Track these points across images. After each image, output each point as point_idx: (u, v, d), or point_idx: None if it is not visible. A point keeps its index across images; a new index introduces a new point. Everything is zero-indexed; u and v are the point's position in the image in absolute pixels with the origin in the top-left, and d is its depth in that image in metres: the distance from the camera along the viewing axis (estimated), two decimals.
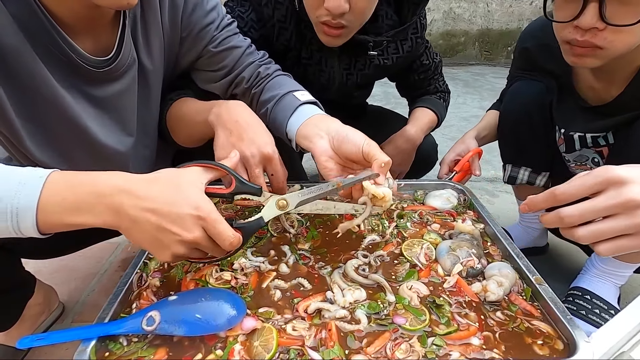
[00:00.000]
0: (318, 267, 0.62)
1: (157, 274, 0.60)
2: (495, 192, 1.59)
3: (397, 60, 1.00)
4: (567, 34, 0.67)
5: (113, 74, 0.65)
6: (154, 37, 0.70)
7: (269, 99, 0.77)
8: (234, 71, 0.81)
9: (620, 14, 0.60)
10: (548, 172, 1.00)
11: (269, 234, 0.70)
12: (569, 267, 1.16)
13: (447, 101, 1.19)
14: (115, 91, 0.66)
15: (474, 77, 3.43)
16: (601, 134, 0.83)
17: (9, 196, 0.41)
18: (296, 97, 0.74)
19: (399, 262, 0.63)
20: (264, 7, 0.88)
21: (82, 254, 1.01)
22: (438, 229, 0.71)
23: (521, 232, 1.17)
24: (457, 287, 0.57)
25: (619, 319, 0.54)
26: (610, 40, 0.63)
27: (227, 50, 0.79)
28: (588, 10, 0.61)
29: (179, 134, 0.80)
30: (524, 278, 0.58)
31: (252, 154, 0.62)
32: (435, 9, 3.71)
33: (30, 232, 0.43)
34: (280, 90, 0.76)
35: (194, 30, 0.75)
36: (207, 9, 0.75)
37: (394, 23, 0.93)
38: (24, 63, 0.55)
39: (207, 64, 0.80)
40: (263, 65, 0.82)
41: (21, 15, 0.52)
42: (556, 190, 0.46)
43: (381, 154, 0.60)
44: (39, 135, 0.62)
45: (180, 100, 0.79)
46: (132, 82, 0.69)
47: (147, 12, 0.68)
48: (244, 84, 0.81)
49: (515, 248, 0.63)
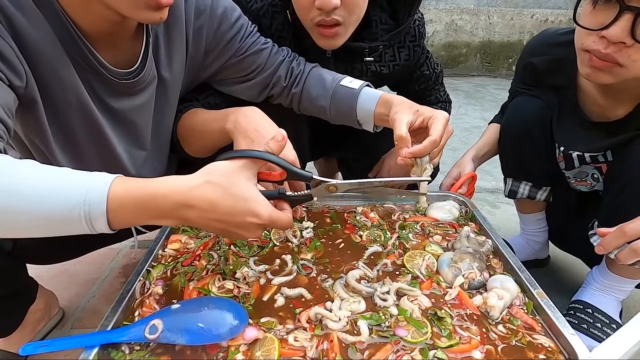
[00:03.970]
0: (320, 280, 0.62)
1: (160, 282, 0.60)
2: (496, 203, 1.59)
3: (394, 68, 1.00)
4: (591, 42, 0.64)
5: (134, 87, 0.66)
6: (176, 52, 0.71)
7: (319, 96, 0.82)
8: (265, 71, 0.82)
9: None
10: (549, 187, 1.00)
11: (271, 243, 0.70)
12: (570, 280, 1.16)
13: (449, 111, 1.19)
14: (133, 106, 0.67)
15: (475, 88, 3.46)
16: (600, 153, 0.83)
17: (80, 204, 0.43)
18: (349, 87, 0.80)
19: (400, 273, 0.63)
20: (262, 18, 0.89)
21: (83, 259, 1.01)
22: (440, 240, 0.72)
23: (523, 244, 1.17)
24: (459, 300, 0.57)
25: (620, 334, 0.54)
26: (634, 59, 0.60)
27: (253, 54, 0.80)
28: (620, 21, 0.58)
29: (191, 145, 0.80)
30: (526, 291, 0.59)
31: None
32: (438, 21, 3.75)
33: (105, 231, 0.46)
34: (326, 84, 0.82)
35: (220, 44, 0.77)
36: (232, 22, 0.77)
37: (389, 27, 0.93)
38: (59, 70, 0.57)
39: (232, 71, 0.82)
40: (294, 61, 0.84)
41: (54, 25, 0.54)
42: (624, 227, 0.51)
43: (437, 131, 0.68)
44: (64, 141, 0.63)
45: (190, 111, 0.79)
46: (150, 98, 0.70)
47: (172, 26, 0.69)
48: (282, 82, 0.83)
49: (517, 261, 0.64)
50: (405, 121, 0.67)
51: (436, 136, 0.67)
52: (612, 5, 0.58)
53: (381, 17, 0.92)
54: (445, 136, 0.70)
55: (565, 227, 1.07)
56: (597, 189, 0.92)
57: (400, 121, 0.67)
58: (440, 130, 0.67)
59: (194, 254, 0.66)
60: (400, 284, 0.59)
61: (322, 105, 0.82)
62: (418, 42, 1.00)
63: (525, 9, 3.81)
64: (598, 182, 0.90)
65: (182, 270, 0.62)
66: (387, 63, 0.99)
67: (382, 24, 0.93)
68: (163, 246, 0.69)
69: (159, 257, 0.66)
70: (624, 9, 0.57)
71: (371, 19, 0.90)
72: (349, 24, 0.81)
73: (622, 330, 0.55)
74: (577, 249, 1.08)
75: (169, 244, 0.69)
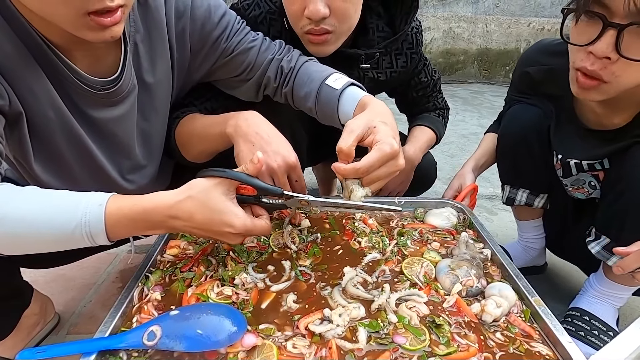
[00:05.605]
0: (319, 288, 0.62)
1: (159, 287, 0.60)
2: (494, 209, 1.59)
3: (391, 75, 1.00)
4: (579, 60, 0.66)
5: (112, 98, 0.65)
6: (160, 57, 0.70)
7: (306, 96, 0.76)
8: (255, 72, 0.80)
9: (635, 48, 0.59)
10: (546, 194, 1.01)
11: (270, 249, 0.70)
12: (567, 287, 1.16)
13: (446, 118, 1.20)
14: (114, 116, 0.66)
15: (473, 95, 3.48)
16: (597, 161, 0.84)
17: (80, 226, 0.50)
18: (332, 87, 0.74)
19: (399, 280, 0.63)
20: (260, 25, 0.89)
21: (80, 264, 1.01)
22: (438, 247, 0.72)
23: (520, 251, 1.17)
24: (457, 307, 0.58)
25: (617, 341, 0.55)
26: (617, 75, 0.62)
27: (241, 54, 0.78)
28: (605, 37, 0.60)
29: (190, 150, 0.80)
30: (524, 299, 0.59)
31: (279, 165, 0.66)
32: (435, 28, 3.79)
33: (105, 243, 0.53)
34: (312, 84, 0.76)
35: (207, 44, 0.75)
36: (216, 21, 0.74)
37: (386, 35, 0.94)
38: (33, 84, 0.56)
39: (224, 72, 0.80)
40: (284, 59, 0.80)
41: (24, 39, 0.54)
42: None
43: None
44: (45, 154, 0.62)
45: (187, 117, 0.79)
46: (131, 108, 0.69)
47: (152, 31, 0.68)
48: (272, 83, 0.80)
49: (515, 268, 0.64)
50: (355, 133, 0.59)
51: (360, 165, 0.57)
52: (597, 21, 0.60)
53: (378, 24, 0.93)
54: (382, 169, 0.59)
55: (562, 234, 1.07)
56: (594, 196, 0.93)
57: (350, 132, 0.59)
58: (370, 162, 0.57)
59: (193, 259, 0.66)
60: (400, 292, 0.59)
61: (309, 107, 0.77)
62: (415, 49, 1.00)
63: (522, 18, 3.86)
64: (595, 189, 0.90)
65: (181, 276, 0.62)
66: (385, 70, 0.99)
67: (379, 31, 0.93)
68: (162, 252, 0.69)
69: (158, 263, 0.66)
70: (607, 25, 0.59)
71: (368, 26, 0.91)
72: (340, 32, 0.81)
73: (618, 337, 0.55)
74: (574, 256, 1.08)
75: (168, 250, 0.69)
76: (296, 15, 0.78)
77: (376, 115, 0.63)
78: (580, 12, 0.63)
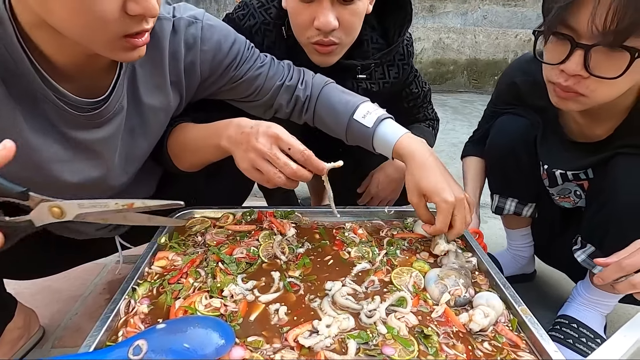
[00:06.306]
0: (308, 300, 0.61)
1: (146, 300, 0.60)
2: (483, 217, 1.61)
3: (384, 86, 1.02)
4: (553, 76, 0.68)
5: (97, 119, 0.63)
6: (159, 82, 0.70)
7: (335, 127, 0.81)
8: (264, 96, 0.81)
9: (604, 66, 0.61)
10: (534, 203, 1.03)
11: (259, 260, 0.70)
12: (556, 294, 1.18)
13: (436, 129, 1.22)
14: (97, 138, 0.65)
15: (463, 104, 3.54)
16: (581, 171, 0.86)
17: None
18: (363, 125, 0.77)
19: (388, 290, 0.64)
20: (255, 35, 0.91)
21: (66, 275, 0.99)
22: (427, 257, 0.73)
23: (509, 259, 1.19)
24: (445, 317, 0.58)
25: (605, 348, 0.55)
26: (592, 89, 0.64)
27: (249, 79, 0.79)
28: (574, 56, 0.62)
29: (183, 161, 0.79)
30: (511, 308, 0.59)
31: (262, 143, 0.63)
32: (426, 39, 3.86)
33: None
34: (339, 117, 0.80)
35: (216, 73, 0.76)
36: (226, 51, 0.75)
37: (380, 46, 0.96)
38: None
39: (231, 94, 0.82)
40: (297, 86, 0.82)
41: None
42: (622, 262, 0.56)
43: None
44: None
45: (180, 126, 0.79)
46: (116, 131, 0.67)
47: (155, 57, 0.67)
48: (284, 109, 0.84)
49: (502, 277, 0.65)
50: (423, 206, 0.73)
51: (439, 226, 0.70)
52: (566, 42, 0.63)
53: (372, 36, 0.95)
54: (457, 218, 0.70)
55: (550, 242, 1.09)
56: (580, 205, 0.94)
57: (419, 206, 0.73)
58: (442, 222, 0.70)
59: (181, 271, 0.65)
60: (388, 302, 0.59)
61: (339, 135, 0.82)
62: (407, 60, 1.03)
63: (510, 30, 3.96)
64: (580, 198, 0.92)
65: (169, 288, 0.61)
66: (377, 81, 1.01)
67: (373, 43, 0.96)
68: (149, 263, 0.68)
69: (145, 275, 0.65)
70: (574, 46, 0.62)
71: (362, 38, 0.93)
72: (345, 44, 0.84)
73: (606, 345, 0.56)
74: (561, 263, 1.10)
75: (156, 261, 0.68)
76: (304, 25, 0.80)
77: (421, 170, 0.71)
78: (549, 33, 0.66)
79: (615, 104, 0.74)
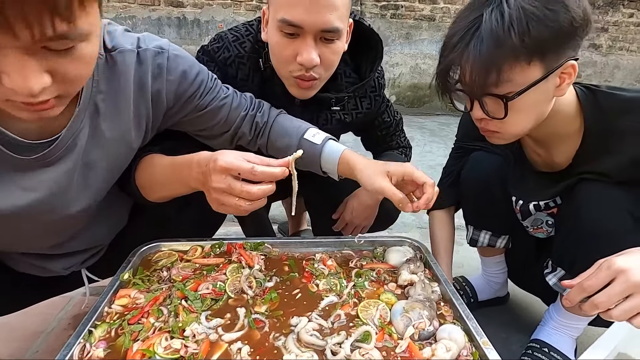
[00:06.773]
0: (272, 338, 0.60)
1: (103, 343, 0.57)
2: (459, 240, 1.62)
3: (357, 117, 1.06)
4: (475, 119, 0.79)
5: (46, 159, 0.62)
6: (122, 115, 0.69)
7: (286, 147, 0.84)
8: (229, 127, 0.84)
9: (496, 110, 0.71)
10: (508, 235, 1.06)
11: (226, 295, 0.69)
12: (529, 317, 1.19)
13: (409, 156, 1.25)
14: (47, 178, 0.63)
15: (440, 127, 3.65)
16: (550, 200, 0.90)
17: None
18: (312, 142, 0.84)
19: (354, 324, 0.63)
20: (229, 67, 0.93)
21: (29, 310, 0.94)
22: (394, 288, 0.73)
23: (484, 284, 1.21)
24: (409, 352, 0.58)
25: None
26: (499, 127, 0.74)
27: (213, 110, 0.81)
28: (475, 106, 0.73)
29: (152, 194, 0.79)
30: (473, 340, 0.60)
31: (217, 180, 0.63)
32: (403, 64, 4.01)
33: None
34: (290, 138, 0.85)
35: (180, 101, 0.77)
36: (191, 80, 0.76)
37: (353, 80, 1.01)
38: None
39: (194, 124, 0.82)
40: (257, 114, 0.87)
41: None
42: (583, 284, 0.60)
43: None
44: None
45: (148, 158, 0.78)
46: (72, 168, 0.66)
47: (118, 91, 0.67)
48: (247, 136, 0.87)
49: (466, 309, 0.65)
50: (391, 186, 0.75)
51: (427, 179, 0.75)
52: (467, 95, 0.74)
53: (345, 70, 1.00)
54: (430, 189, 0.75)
55: (524, 269, 1.11)
56: (553, 234, 0.97)
57: (389, 188, 0.74)
58: (423, 174, 0.75)
59: (142, 310, 0.63)
60: (352, 338, 0.59)
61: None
62: (378, 92, 1.07)
63: None
64: (553, 227, 0.95)
65: (128, 329, 0.59)
66: (350, 112, 1.05)
67: (347, 77, 1.01)
68: (110, 302, 0.66)
69: (104, 315, 0.63)
70: (471, 98, 0.73)
71: (337, 72, 0.97)
72: (323, 79, 0.89)
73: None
74: (535, 288, 1.12)
75: (117, 300, 0.66)
76: (287, 60, 0.83)
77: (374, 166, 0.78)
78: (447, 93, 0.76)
79: (559, 132, 0.79)
